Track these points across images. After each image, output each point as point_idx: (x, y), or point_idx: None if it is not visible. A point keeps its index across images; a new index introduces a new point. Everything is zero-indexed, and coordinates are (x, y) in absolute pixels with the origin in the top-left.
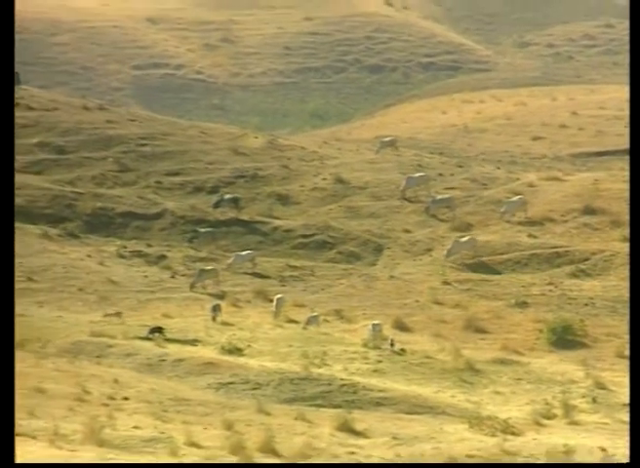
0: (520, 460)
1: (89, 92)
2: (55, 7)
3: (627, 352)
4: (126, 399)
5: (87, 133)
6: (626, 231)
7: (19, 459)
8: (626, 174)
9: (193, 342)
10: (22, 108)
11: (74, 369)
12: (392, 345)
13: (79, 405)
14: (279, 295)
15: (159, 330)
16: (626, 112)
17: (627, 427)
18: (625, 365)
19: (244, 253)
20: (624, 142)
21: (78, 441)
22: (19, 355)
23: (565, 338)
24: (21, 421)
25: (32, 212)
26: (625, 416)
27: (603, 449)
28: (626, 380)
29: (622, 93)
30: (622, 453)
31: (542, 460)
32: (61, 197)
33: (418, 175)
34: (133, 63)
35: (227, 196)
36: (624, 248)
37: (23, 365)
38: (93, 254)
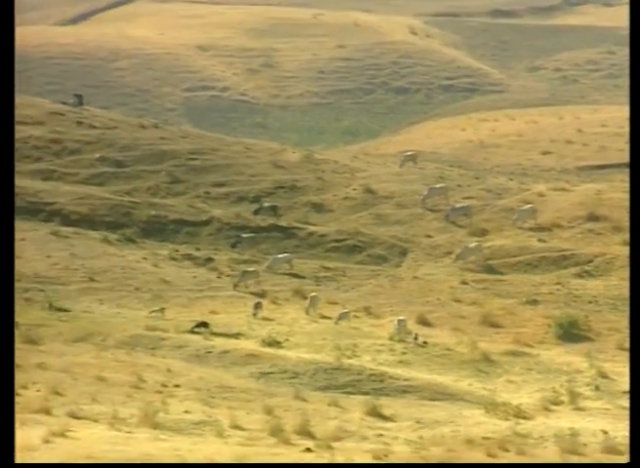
0: (531, 442)
1: (145, 112)
2: (115, 36)
3: (627, 345)
4: (177, 386)
5: (143, 148)
6: (626, 236)
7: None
8: (626, 185)
9: (237, 336)
10: (86, 127)
11: (131, 359)
12: (416, 339)
13: (135, 391)
14: (313, 294)
15: (204, 324)
16: (626, 129)
17: (627, 412)
18: (626, 356)
19: (282, 255)
20: (625, 157)
21: (134, 424)
22: (82, 347)
23: (571, 332)
24: (84, 406)
25: (94, 219)
26: (625, 403)
27: (605, 432)
28: (626, 370)
29: (623, 112)
30: (622, 436)
31: (551, 442)
32: (120, 206)
33: (438, 185)
34: (184, 86)
35: (267, 204)
36: (624, 251)
37: (86, 356)
38: (148, 257)
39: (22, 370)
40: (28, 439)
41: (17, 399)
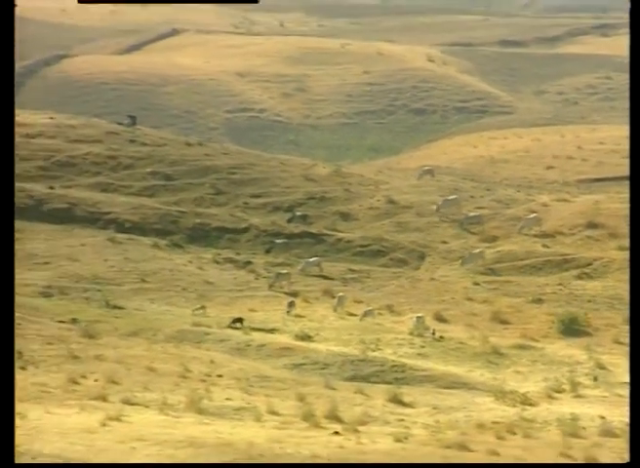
0: (536, 426)
1: (190, 131)
2: (164, 64)
3: (623, 339)
4: (220, 376)
5: (189, 163)
6: (622, 242)
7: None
8: (622, 196)
9: (272, 331)
10: (138, 144)
11: (178, 352)
12: (433, 334)
13: (182, 380)
14: (341, 294)
15: (240, 320)
16: (622, 146)
17: (623, 400)
18: (621, 350)
19: (312, 259)
20: (620, 171)
21: (181, 409)
22: (135, 341)
23: (572, 328)
24: (137, 394)
25: (145, 227)
26: (621, 391)
27: (602, 417)
28: (622, 362)
29: (619, 131)
30: (618, 421)
31: (554, 426)
32: (169, 215)
33: (451, 197)
34: (225, 108)
35: (299, 214)
36: (620, 255)
37: (139, 349)
38: (193, 261)
39: (82, 362)
40: (88, 423)
41: (76, 387)
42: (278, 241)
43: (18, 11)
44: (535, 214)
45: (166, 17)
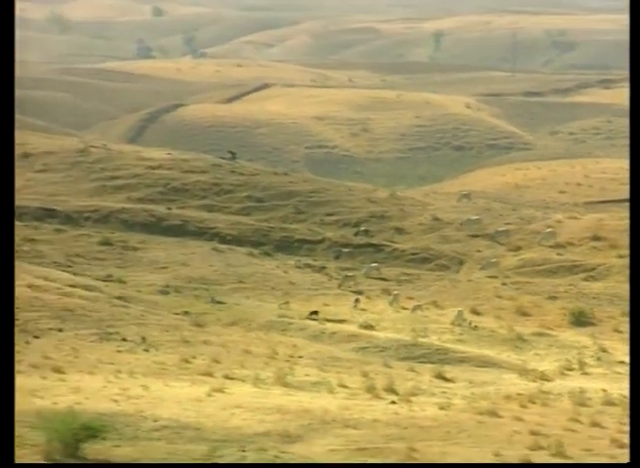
0: (551, 397)
1: (278, 163)
2: (257, 111)
3: (621, 328)
4: (300, 357)
5: (276, 189)
6: (621, 251)
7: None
8: (620, 215)
9: (342, 321)
10: (236, 174)
11: (268, 338)
12: (469, 324)
13: (271, 360)
14: (396, 292)
15: (316, 313)
16: (620, 175)
17: (621, 376)
18: (619, 337)
19: (373, 265)
20: (619, 195)
21: (270, 383)
22: (233, 329)
23: (580, 319)
24: (235, 371)
25: (242, 239)
26: (619, 369)
27: (604, 390)
28: (620, 346)
29: (618, 163)
30: (617, 393)
31: (566, 397)
32: (260, 229)
33: (473, 217)
34: (305, 145)
35: (363, 228)
36: (619, 262)
37: (236, 335)
38: (279, 266)
39: (192, 345)
40: (197, 393)
41: (187, 365)
42: (345, 250)
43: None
44: (550, 229)
45: (258, 74)
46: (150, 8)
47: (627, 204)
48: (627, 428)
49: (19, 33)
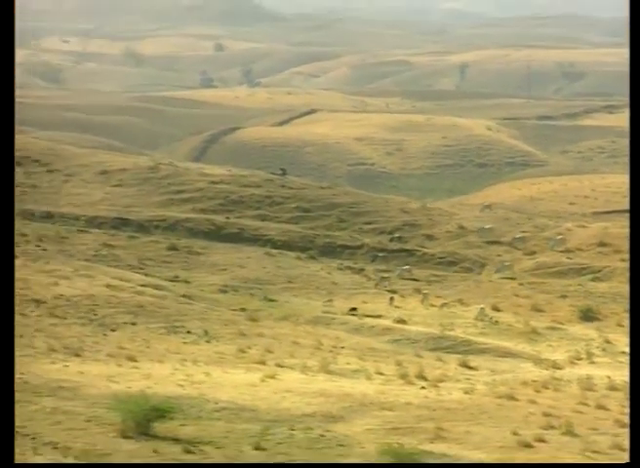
0: (562, 383)
1: (323, 179)
2: (305, 133)
3: (623, 323)
4: (342, 348)
5: (322, 201)
6: (623, 255)
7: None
8: (623, 223)
9: (378, 317)
10: (286, 188)
11: (314, 331)
12: (491, 319)
13: (316, 351)
14: (426, 291)
15: (355, 309)
16: (622, 189)
17: (623, 365)
18: (622, 330)
19: (406, 267)
20: (622, 206)
21: (316, 370)
22: (283, 324)
23: (587, 315)
24: (285, 360)
25: (291, 244)
26: (621, 358)
27: (608, 377)
28: (622, 338)
29: (620, 178)
30: (619, 380)
31: (575, 383)
32: (307, 236)
33: (487, 226)
34: (347, 163)
35: (397, 235)
36: (622, 265)
37: (286, 329)
38: (324, 268)
39: (248, 338)
40: (252, 379)
41: (243, 355)
42: (381, 254)
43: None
44: (561, 236)
45: (306, 101)
46: (213, 44)
47: (629, 214)
48: (629, 410)
49: (98, 67)
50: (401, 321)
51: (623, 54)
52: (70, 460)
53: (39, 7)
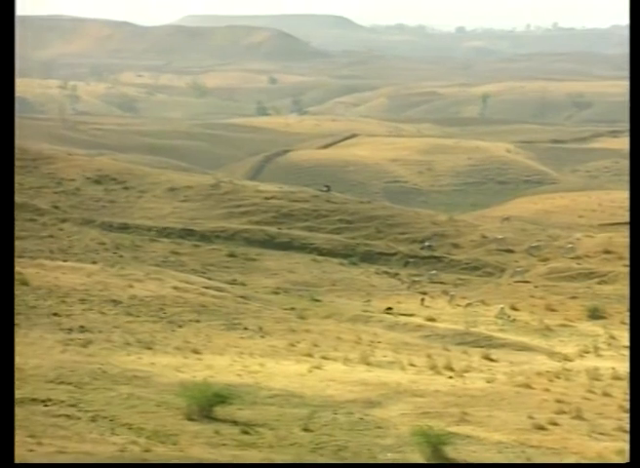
0: (572, 373)
1: (362, 194)
2: (347, 154)
3: (627, 321)
4: (379, 342)
5: (361, 214)
6: (626, 262)
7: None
8: (626, 234)
9: (411, 315)
10: (331, 203)
11: (354, 328)
12: (509, 317)
13: (357, 345)
14: (452, 293)
15: (390, 309)
16: (626, 204)
17: (626, 357)
18: (625, 328)
19: (434, 271)
20: (625, 218)
21: (356, 362)
22: (328, 321)
23: (595, 314)
24: (330, 353)
25: (335, 252)
26: (625, 352)
27: (613, 368)
28: (626, 334)
29: (623, 194)
30: (623, 370)
31: (584, 373)
32: (349, 245)
33: (499, 237)
34: (383, 180)
35: (427, 244)
36: (625, 270)
37: (331, 326)
38: (363, 273)
39: (297, 333)
40: (300, 370)
41: (293, 348)
42: (413, 260)
43: (264, 124)
44: (572, 245)
45: (348, 127)
46: (267, 78)
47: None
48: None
49: (168, 98)
50: (431, 319)
51: (626, 85)
52: (143, 440)
53: (117, 46)
